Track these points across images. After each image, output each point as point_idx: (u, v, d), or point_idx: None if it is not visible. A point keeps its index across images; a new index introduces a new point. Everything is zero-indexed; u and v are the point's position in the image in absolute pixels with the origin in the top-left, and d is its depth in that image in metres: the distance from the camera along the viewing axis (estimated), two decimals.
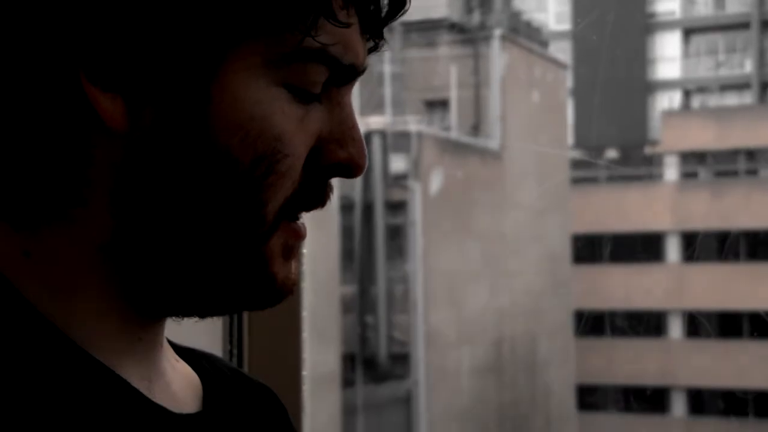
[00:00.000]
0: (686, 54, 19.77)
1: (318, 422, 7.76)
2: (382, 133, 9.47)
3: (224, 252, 0.59)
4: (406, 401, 9.71)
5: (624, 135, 16.97)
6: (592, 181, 15.32)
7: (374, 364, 9.70)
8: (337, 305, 8.97)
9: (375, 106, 10.23)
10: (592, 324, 14.74)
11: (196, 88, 0.57)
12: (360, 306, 9.63)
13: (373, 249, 9.62)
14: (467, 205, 10.65)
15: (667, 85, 19.17)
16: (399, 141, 9.68)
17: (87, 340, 0.58)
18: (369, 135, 9.29)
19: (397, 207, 9.88)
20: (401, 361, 9.94)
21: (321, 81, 0.60)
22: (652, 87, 18.90)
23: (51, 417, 0.54)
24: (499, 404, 10.97)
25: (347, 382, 8.95)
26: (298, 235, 0.62)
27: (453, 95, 11.22)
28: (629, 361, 14.04)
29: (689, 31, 19.58)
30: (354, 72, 0.62)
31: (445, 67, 11.33)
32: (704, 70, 19.44)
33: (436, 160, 10.21)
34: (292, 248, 0.62)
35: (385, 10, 0.63)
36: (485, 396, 10.83)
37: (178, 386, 0.64)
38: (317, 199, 0.62)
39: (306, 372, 1.22)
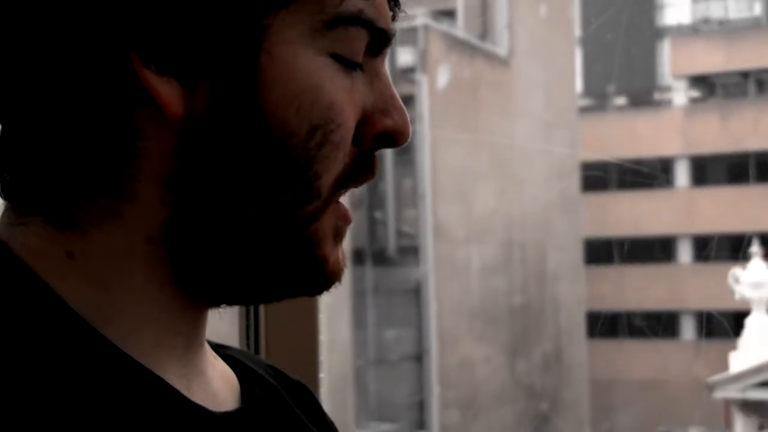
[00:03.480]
0: None
1: (328, 302, 7.94)
2: None
3: (279, 227, 0.59)
4: (416, 292, 9.90)
5: (633, 82, 17.12)
6: (600, 107, 15.48)
7: (384, 257, 9.89)
8: (346, 201, 9.15)
9: None
10: (601, 252, 14.91)
11: (246, 62, 0.57)
12: (368, 201, 9.81)
13: None
14: (474, 107, 10.84)
15: (676, 30, 19.27)
16: (406, 35, 9.86)
17: (126, 337, 0.58)
18: None
19: (404, 101, 10.06)
20: (411, 253, 10.14)
21: (362, 48, 0.61)
22: (661, 33, 19.01)
23: (86, 417, 0.54)
24: (509, 307, 11.16)
25: (357, 262, 9.15)
26: (347, 218, 0.63)
27: (459, 3, 11.38)
28: (639, 288, 14.21)
29: None
30: (386, 38, 0.63)
31: None
32: (713, 13, 19.54)
33: (443, 56, 10.41)
34: (341, 231, 0.63)
35: None
36: (495, 297, 11.02)
37: (217, 384, 0.65)
38: (366, 171, 0.63)
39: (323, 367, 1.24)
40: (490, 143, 11.14)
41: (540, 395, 11.46)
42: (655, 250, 14.74)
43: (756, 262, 4.93)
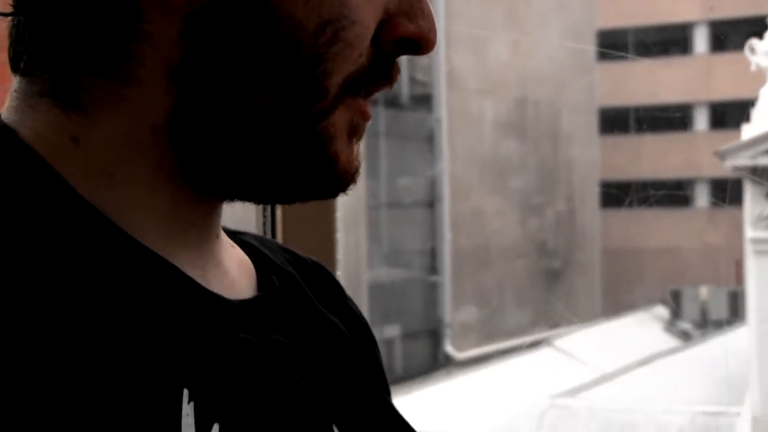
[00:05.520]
0: None
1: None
2: None
3: (286, 124, 0.58)
4: (429, 140, 9.97)
5: None
6: None
7: (397, 104, 9.94)
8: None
9: None
10: (617, 121, 14.90)
11: None
12: None
13: None
14: None
15: None
16: None
17: (137, 227, 0.57)
18: None
19: None
20: (423, 101, 10.18)
21: None
22: None
23: (98, 305, 0.53)
24: (521, 162, 11.24)
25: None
26: (365, 114, 0.61)
27: None
28: (654, 156, 14.23)
29: None
30: None
31: None
32: None
33: None
34: (357, 128, 0.61)
35: None
36: (507, 151, 11.10)
37: (233, 273, 0.65)
38: (384, 76, 0.61)
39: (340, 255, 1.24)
40: None
41: (552, 253, 11.61)
42: (671, 118, 14.71)
43: None
